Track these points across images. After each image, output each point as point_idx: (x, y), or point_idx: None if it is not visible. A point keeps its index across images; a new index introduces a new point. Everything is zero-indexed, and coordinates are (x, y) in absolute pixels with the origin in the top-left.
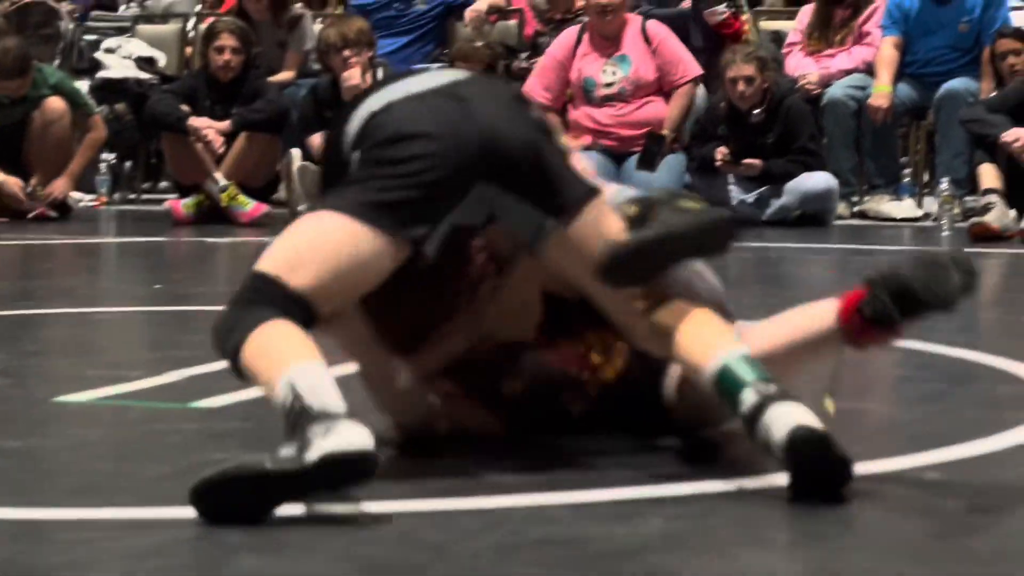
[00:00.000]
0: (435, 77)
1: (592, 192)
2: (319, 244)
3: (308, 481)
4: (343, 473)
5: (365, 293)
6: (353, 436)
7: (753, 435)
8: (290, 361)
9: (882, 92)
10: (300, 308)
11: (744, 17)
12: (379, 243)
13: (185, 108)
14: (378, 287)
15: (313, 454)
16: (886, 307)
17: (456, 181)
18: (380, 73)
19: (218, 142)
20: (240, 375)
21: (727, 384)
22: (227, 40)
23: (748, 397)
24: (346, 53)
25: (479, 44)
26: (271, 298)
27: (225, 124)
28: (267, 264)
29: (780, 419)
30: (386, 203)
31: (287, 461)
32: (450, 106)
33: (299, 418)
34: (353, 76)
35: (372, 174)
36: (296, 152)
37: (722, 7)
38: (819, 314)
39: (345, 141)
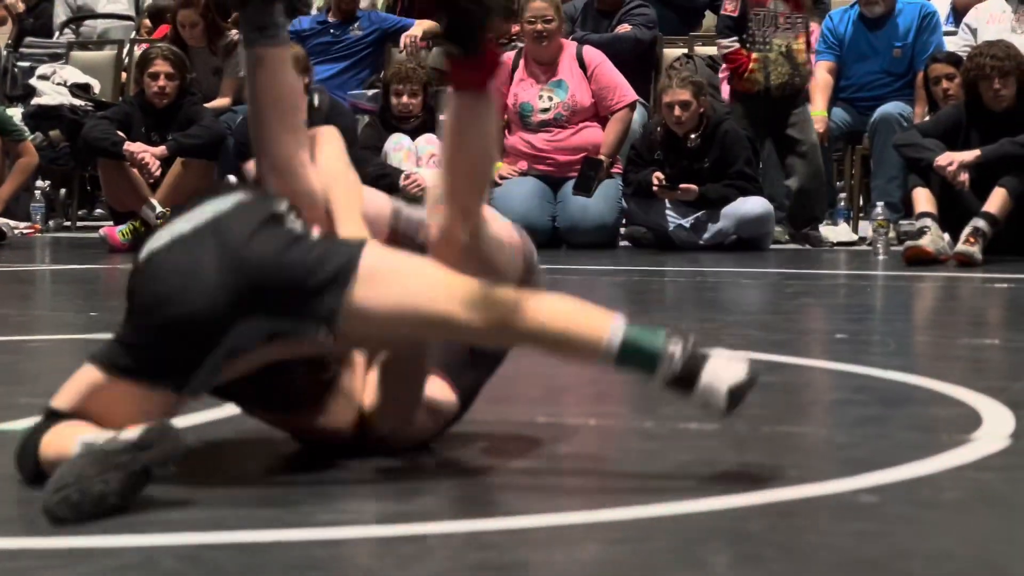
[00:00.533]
0: (199, 214)
1: (358, 250)
2: (86, 397)
3: (133, 456)
4: (156, 442)
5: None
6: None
7: (687, 391)
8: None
9: (818, 117)
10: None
11: (754, 56)
12: (111, 385)
13: (120, 134)
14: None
15: (130, 435)
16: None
17: (217, 328)
18: (316, 99)
19: (154, 166)
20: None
21: (638, 353)
22: (161, 66)
23: (668, 369)
24: None
25: (414, 66)
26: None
27: (161, 149)
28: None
29: (715, 381)
30: (152, 362)
31: (110, 443)
32: (190, 261)
33: (86, 450)
34: None
35: (135, 338)
36: (232, 179)
37: (729, 40)
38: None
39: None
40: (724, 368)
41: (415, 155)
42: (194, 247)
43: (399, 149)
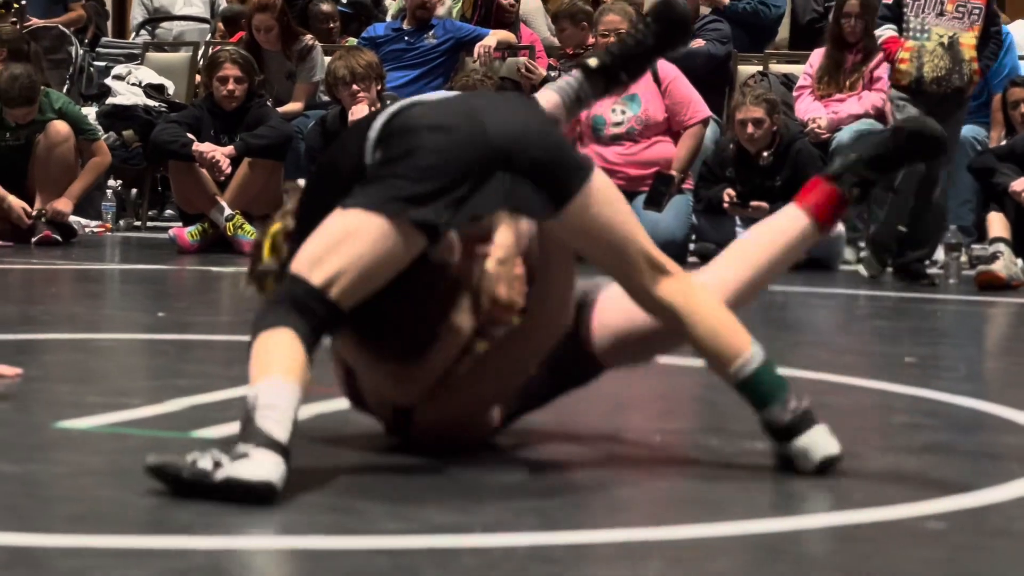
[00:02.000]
0: (443, 93)
1: (590, 169)
2: (340, 241)
3: (212, 493)
4: (240, 497)
5: (383, 284)
6: (260, 469)
7: (779, 441)
8: (268, 372)
9: None
10: (317, 302)
11: (908, 44)
12: (396, 233)
13: (190, 136)
14: (382, 288)
15: (220, 475)
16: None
17: (471, 171)
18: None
19: (224, 163)
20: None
21: (758, 391)
22: (230, 70)
23: (777, 414)
24: (354, 87)
25: (481, 77)
26: (293, 296)
27: (229, 149)
28: (297, 263)
29: (812, 447)
30: (404, 197)
31: (199, 474)
32: (462, 104)
33: (243, 427)
34: (360, 110)
35: (392, 171)
36: (302, 183)
37: (881, 29)
38: (788, 223)
39: (365, 149)
40: (823, 439)
41: None
42: (449, 102)
43: None
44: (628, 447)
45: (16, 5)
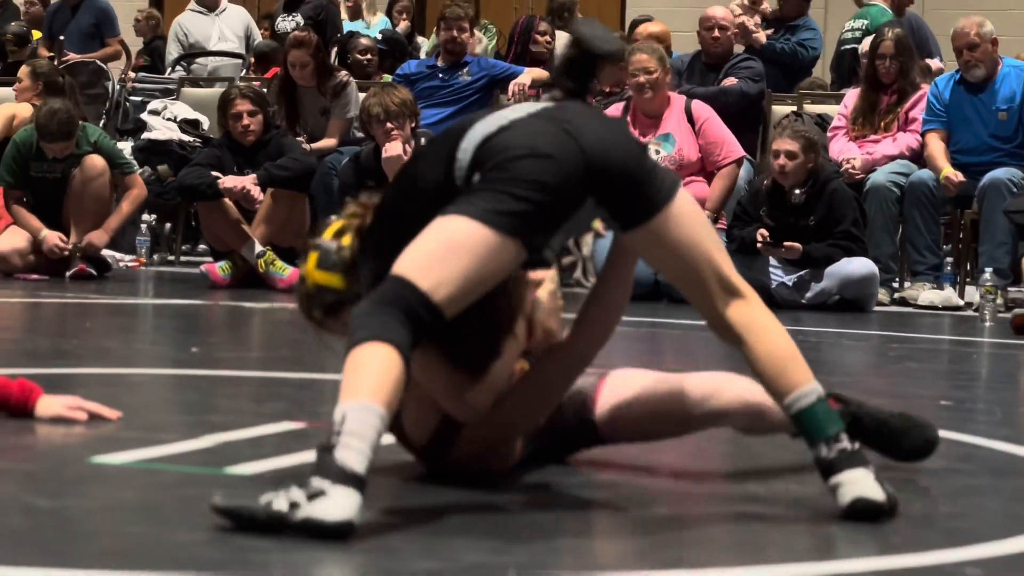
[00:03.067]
0: (528, 106)
1: (676, 186)
2: (449, 247)
3: (291, 532)
4: (318, 536)
5: (485, 293)
6: (337, 509)
7: (824, 478)
8: (361, 394)
9: (948, 172)
10: (425, 308)
11: None
12: (503, 247)
13: (215, 174)
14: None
15: (297, 516)
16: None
17: (571, 197)
18: (423, 143)
19: (255, 192)
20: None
21: (810, 426)
22: (242, 105)
23: (824, 451)
24: (388, 125)
25: None
26: (399, 300)
27: (252, 178)
28: (402, 267)
29: (849, 484)
30: (512, 212)
31: (276, 517)
32: (557, 127)
33: (321, 455)
34: (394, 148)
35: (496, 188)
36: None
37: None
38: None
39: (454, 168)
40: (864, 482)
41: None
42: (545, 125)
43: None
44: (662, 487)
45: (30, 41)
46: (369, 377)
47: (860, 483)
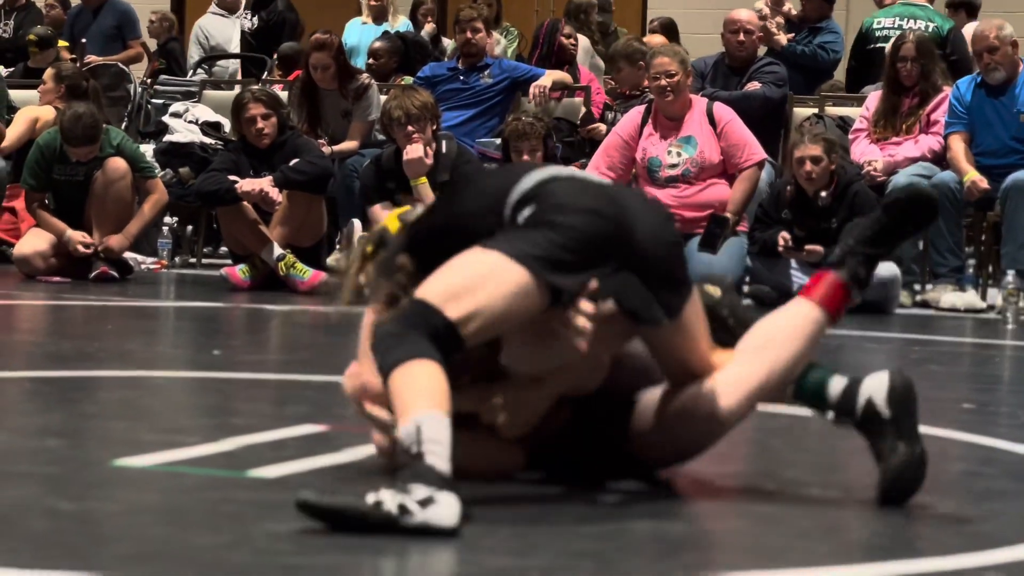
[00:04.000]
0: (587, 175)
1: (692, 289)
2: (480, 280)
3: (398, 531)
4: (431, 534)
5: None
6: (451, 513)
7: (852, 413)
8: (424, 404)
9: (973, 176)
10: (450, 337)
11: None
12: (533, 290)
13: (233, 178)
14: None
15: (410, 521)
16: (861, 266)
17: (609, 262)
18: (444, 146)
19: (274, 193)
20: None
21: (809, 388)
22: (255, 109)
23: (835, 383)
24: (409, 128)
25: (531, 120)
26: (427, 325)
27: (268, 180)
28: (430, 292)
29: (872, 384)
30: (546, 257)
31: (387, 518)
32: (615, 199)
33: (413, 464)
34: (415, 151)
35: (538, 231)
36: (357, 223)
37: None
38: (800, 319)
39: (508, 199)
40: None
41: None
42: (600, 189)
43: None
44: (683, 491)
45: (53, 45)
46: (425, 389)
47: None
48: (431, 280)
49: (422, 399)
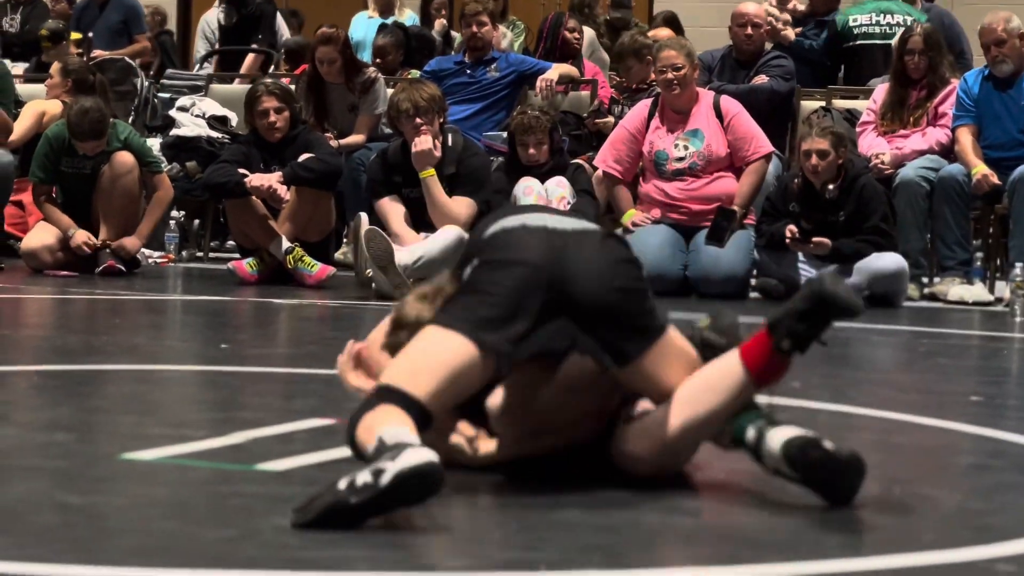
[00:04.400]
0: (563, 220)
1: (662, 331)
2: (432, 357)
3: (387, 502)
4: (414, 488)
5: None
6: (418, 455)
7: (762, 462)
8: (385, 425)
9: (980, 169)
10: (417, 410)
11: None
12: (474, 357)
13: (242, 171)
14: None
15: (386, 477)
16: (799, 332)
17: (538, 310)
18: (450, 139)
19: (282, 191)
20: (357, 455)
21: (736, 434)
22: (268, 102)
23: (749, 433)
24: (418, 120)
25: (537, 113)
26: (394, 399)
27: (277, 175)
28: (391, 376)
29: (775, 438)
30: (476, 319)
31: (366, 490)
32: (552, 244)
33: (376, 454)
34: (423, 143)
35: (469, 293)
36: (364, 216)
37: None
38: (725, 378)
39: (474, 241)
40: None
41: (545, 198)
42: (547, 239)
43: (529, 193)
44: (693, 483)
45: (65, 39)
46: (386, 420)
47: (783, 432)
48: (391, 364)
49: (380, 425)
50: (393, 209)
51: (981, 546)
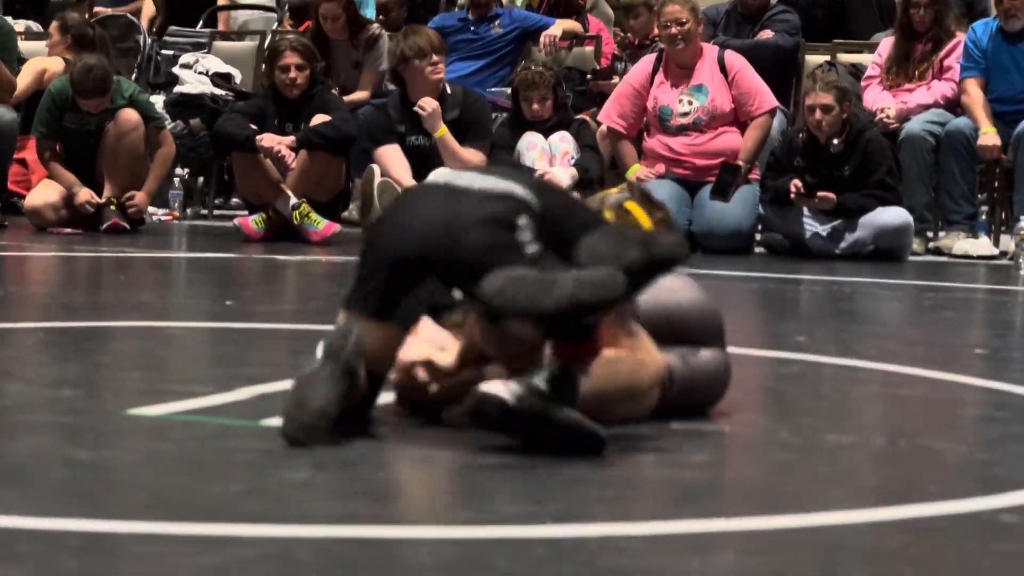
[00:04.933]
0: (478, 179)
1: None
2: None
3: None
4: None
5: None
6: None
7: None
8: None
9: (989, 134)
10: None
11: None
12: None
13: (254, 127)
14: None
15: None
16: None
17: (392, 275)
18: (448, 88)
19: (290, 158)
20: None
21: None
22: (291, 58)
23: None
24: (433, 58)
25: (541, 69)
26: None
27: (291, 139)
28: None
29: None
30: (369, 292)
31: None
32: (398, 203)
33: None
34: (429, 104)
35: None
36: (376, 168)
37: None
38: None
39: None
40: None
41: (549, 153)
42: (428, 202)
43: (532, 148)
44: (697, 438)
45: None
46: None
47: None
48: None
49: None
50: (397, 159)
51: (986, 496)
